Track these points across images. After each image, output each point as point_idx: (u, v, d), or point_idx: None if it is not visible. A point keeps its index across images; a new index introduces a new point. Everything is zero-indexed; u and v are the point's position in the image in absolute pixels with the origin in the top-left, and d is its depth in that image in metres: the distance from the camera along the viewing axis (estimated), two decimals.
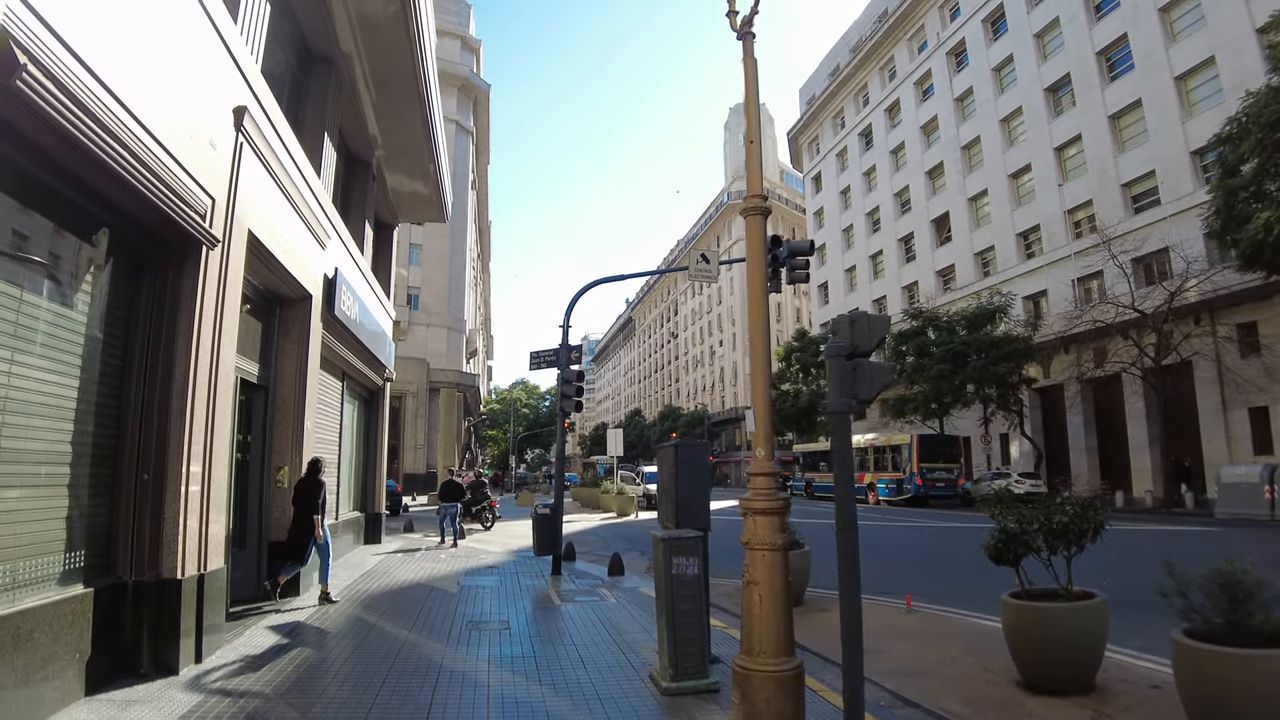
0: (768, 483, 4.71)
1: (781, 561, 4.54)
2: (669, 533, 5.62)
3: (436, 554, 13.81)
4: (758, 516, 4.61)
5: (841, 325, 4.55)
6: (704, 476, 6.40)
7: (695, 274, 12.76)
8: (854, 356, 4.44)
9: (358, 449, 14.92)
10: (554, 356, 11.80)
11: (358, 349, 12.81)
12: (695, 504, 6.22)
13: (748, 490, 4.87)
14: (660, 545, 5.44)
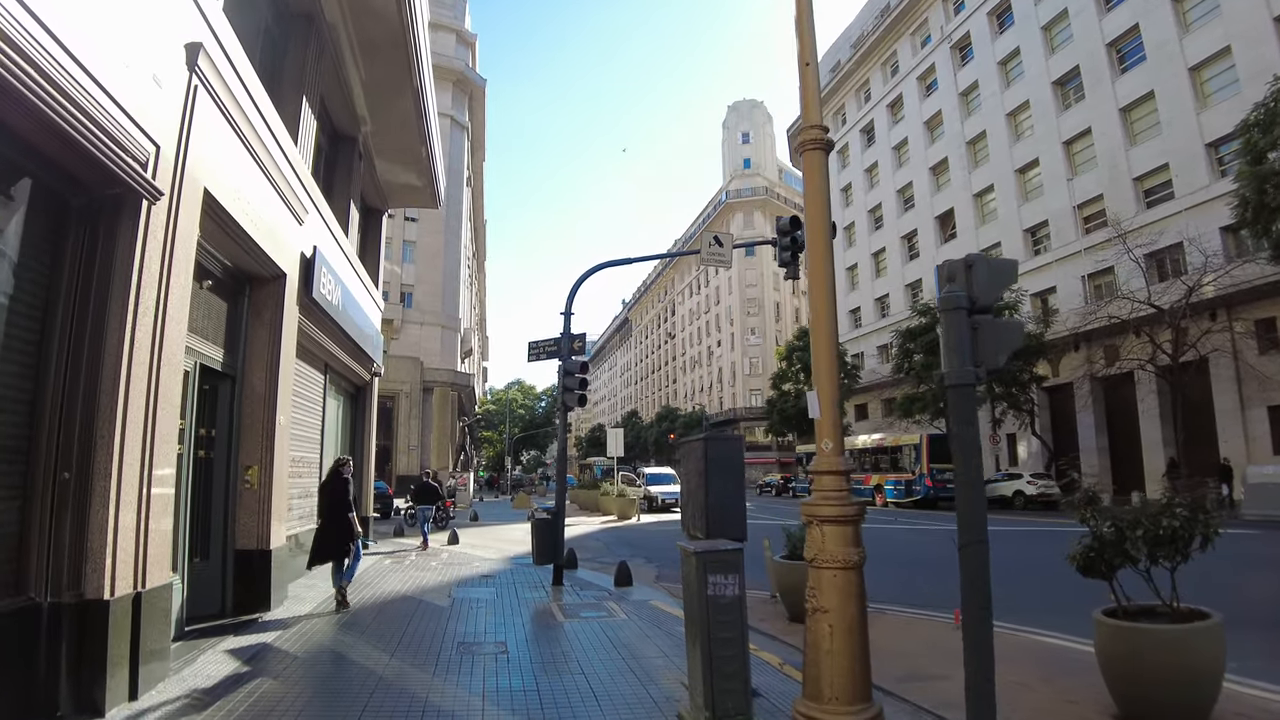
0: (837, 483, 3.73)
1: (857, 584, 3.57)
2: (702, 545, 4.63)
3: (426, 561, 12.80)
4: (826, 526, 3.62)
5: (957, 270, 3.57)
6: (737, 476, 5.43)
7: (707, 258, 11.82)
8: (975, 312, 3.45)
9: (343, 448, 13.90)
10: (554, 346, 10.81)
11: (341, 339, 11.80)
12: (729, 509, 5.25)
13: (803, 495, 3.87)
14: (692, 560, 4.45)
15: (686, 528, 5.71)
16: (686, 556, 4.63)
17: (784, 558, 8.61)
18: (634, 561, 13.08)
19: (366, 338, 13.74)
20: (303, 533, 10.58)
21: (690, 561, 4.50)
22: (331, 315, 10.54)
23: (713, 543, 4.65)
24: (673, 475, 30.41)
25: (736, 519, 5.27)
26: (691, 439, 5.65)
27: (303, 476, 10.63)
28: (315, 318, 10.09)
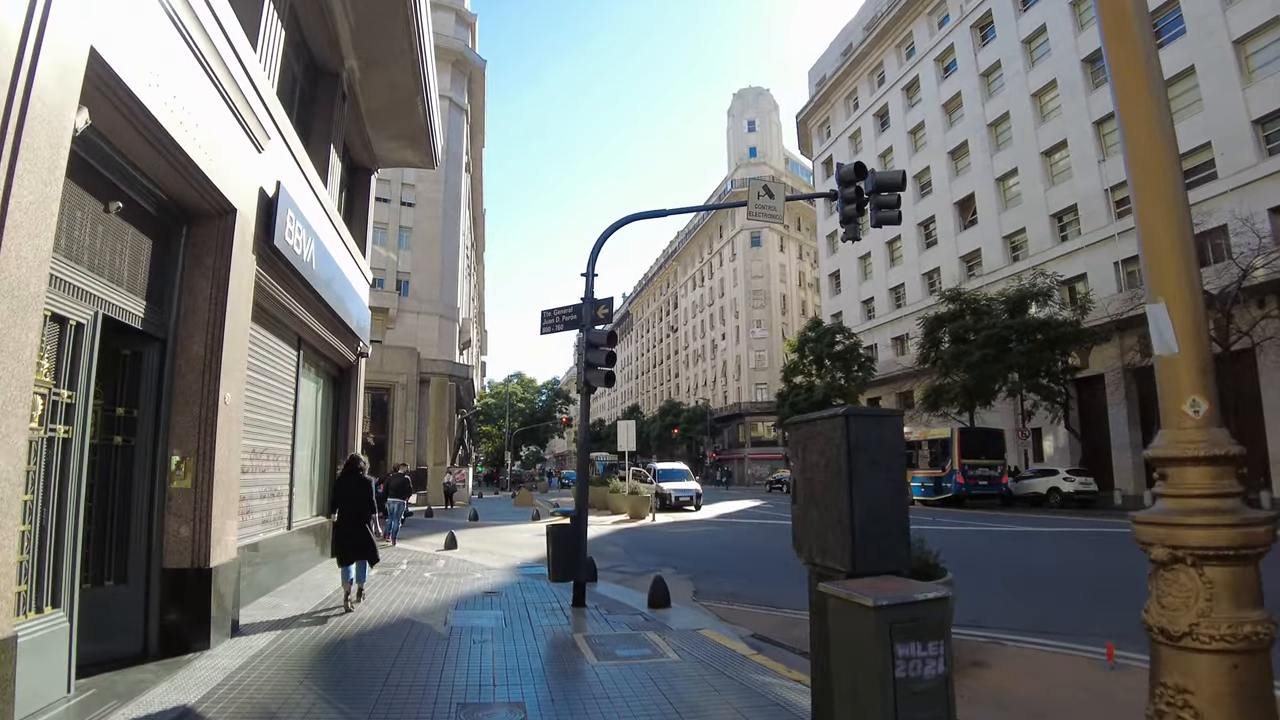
0: (1219, 480, 1.83)
1: (1266, 677, 1.65)
2: (884, 596, 2.72)
3: (420, 571, 10.90)
4: (1210, 566, 1.73)
5: None
6: (897, 472, 3.52)
7: (756, 211, 9.93)
8: None
9: (322, 438, 11.99)
10: (573, 314, 8.89)
11: (318, 308, 9.89)
12: (888, 524, 3.37)
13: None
14: (869, 620, 2.58)
15: (805, 551, 3.82)
16: (846, 609, 2.75)
17: None
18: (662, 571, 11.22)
19: (350, 312, 11.82)
20: (267, 540, 8.69)
21: (862, 621, 2.63)
22: (304, 275, 8.63)
23: (901, 589, 2.76)
24: (685, 471, 28.58)
25: (898, 540, 3.39)
26: (818, 417, 3.77)
27: (266, 471, 8.74)
28: (282, 276, 8.17)
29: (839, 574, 3.35)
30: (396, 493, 15.95)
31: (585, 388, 8.37)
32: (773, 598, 9.19)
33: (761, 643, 6.91)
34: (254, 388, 8.27)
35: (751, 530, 18.25)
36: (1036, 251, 37.37)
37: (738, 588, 9.91)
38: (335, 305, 10.58)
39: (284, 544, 9.41)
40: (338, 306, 10.74)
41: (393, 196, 48.68)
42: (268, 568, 8.67)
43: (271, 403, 9.00)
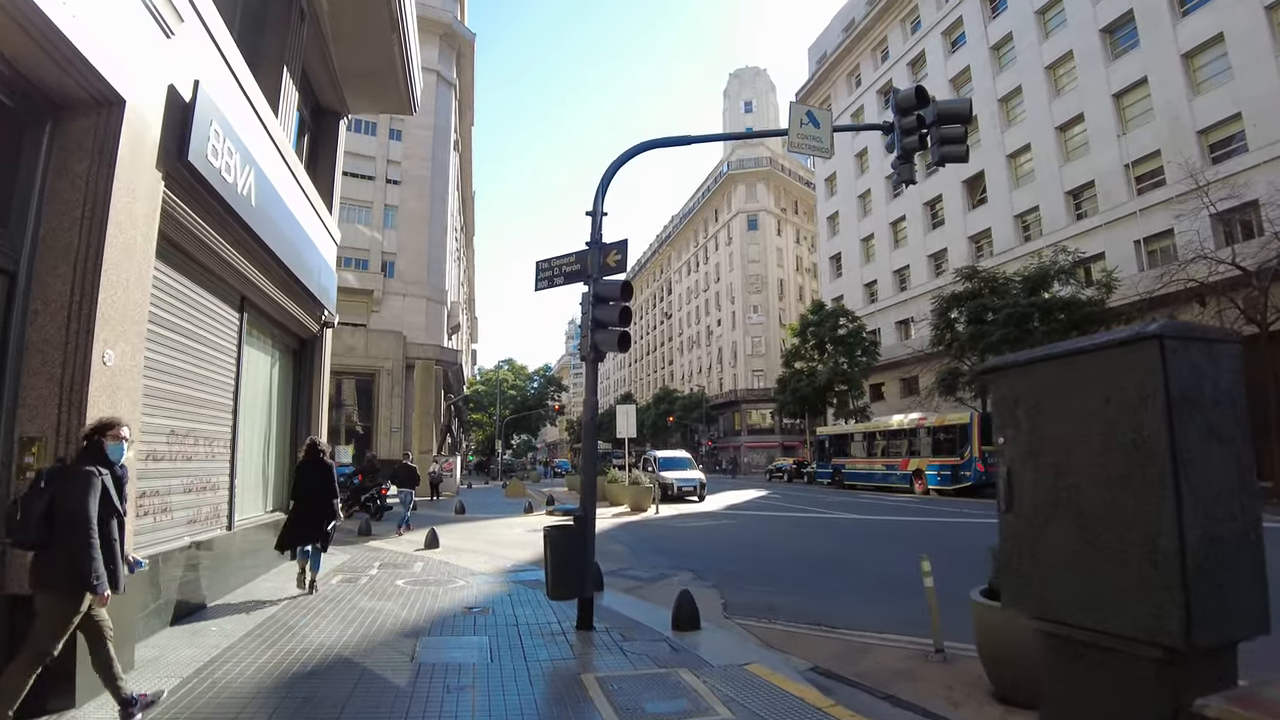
0: None
1: None
2: None
3: (392, 578, 9.18)
4: None
5: None
6: (1241, 452, 1.82)
7: (799, 143, 8.22)
8: None
9: (279, 421, 10.23)
10: (576, 264, 7.15)
11: (263, 260, 8.11)
12: (1236, 553, 1.65)
13: None
14: None
15: (1035, 598, 2.14)
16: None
17: (985, 594, 5.12)
18: (679, 576, 9.55)
19: (311, 272, 10.04)
20: (196, 544, 6.95)
21: None
22: (239, 213, 6.86)
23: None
24: (688, 459, 26.87)
25: (1251, 576, 1.70)
26: (1082, 348, 2.09)
27: (194, 459, 6.99)
28: (207, 209, 6.41)
29: (1142, 646, 1.67)
30: (404, 482, 15.89)
31: (593, 352, 6.62)
32: (817, 611, 7.55)
33: (830, 681, 5.26)
34: (173, 352, 6.53)
35: (767, 525, 16.62)
36: (1051, 230, 35.79)
37: (773, 598, 8.25)
38: (289, 260, 8.80)
39: (222, 548, 7.68)
40: (293, 262, 8.96)
41: (378, 174, 46.66)
42: (196, 579, 6.94)
43: (203, 374, 7.25)
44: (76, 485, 3.79)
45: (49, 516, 3.71)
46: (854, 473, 32.61)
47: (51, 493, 3.74)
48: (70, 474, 3.84)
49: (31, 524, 3.68)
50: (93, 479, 3.84)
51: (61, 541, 3.71)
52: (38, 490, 3.74)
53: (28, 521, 3.68)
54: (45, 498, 3.71)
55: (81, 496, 3.76)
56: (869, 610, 7.65)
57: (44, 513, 3.70)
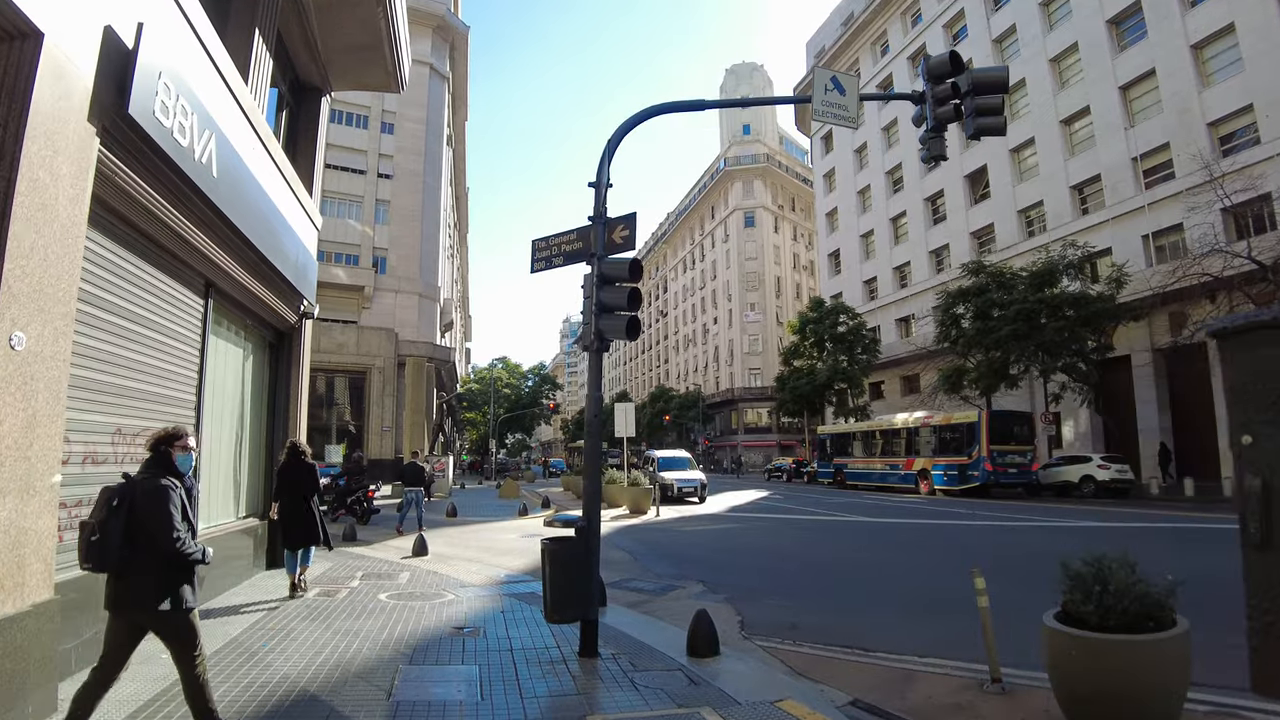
0: None
1: None
2: None
3: (374, 591, 8.38)
4: None
5: None
6: None
7: (824, 110, 7.46)
8: None
9: (253, 419, 9.42)
10: (577, 241, 6.36)
11: (229, 239, 7.32)
12: None
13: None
14: None
15: None
16: None
17: (1061, 619, 4.38)
18: (688, 587, 8.78)
19: (288, 256, 9.24)
20: None
21: None
22: (199, 184, 6.07)
23: None
24: (688, 459, 26.06)
25: None
26: None
27: None
28: (157, 175, 5.62)
29: None
30: (412, 481, 15.54)
31: (597, 340, 5.82)
32: (846, 629, 6.79)
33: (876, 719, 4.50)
34: (120, 340, 5.73)
35: (775, 529, 15.85)
36: (1055, 226, 35.17)
37: (794, 614, 7.49)
38: (262, 242, 8.00)
39: None
40: (266, 245, 8.16)
41: (369, 168, 45.75)
42: None
43: (158, 366, 6.44)
44: (157, 500, 3.56)
45: (129, 536, 3.48)
46: (857, 472, 31.90)
47: (127, 511, 3.50)
48: (146, 489, 3.58)
49: (113, 546, 3.43)
50: (171, 492, 3.64)
51: (145, 561, 3.52)
52: (111, 509, 3.46)
53: (108, 544, 3.42)
54: (121, 516, 3.48)
55: (165, 511, 3.56)
56: (904, 628, 6.89)
57: (123, 532, 3.46)
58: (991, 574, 9.51)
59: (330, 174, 44.84)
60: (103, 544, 3.41)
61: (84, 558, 3.48)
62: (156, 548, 3.51)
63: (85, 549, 3.46)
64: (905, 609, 7.75)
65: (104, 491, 3.56)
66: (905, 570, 10.24)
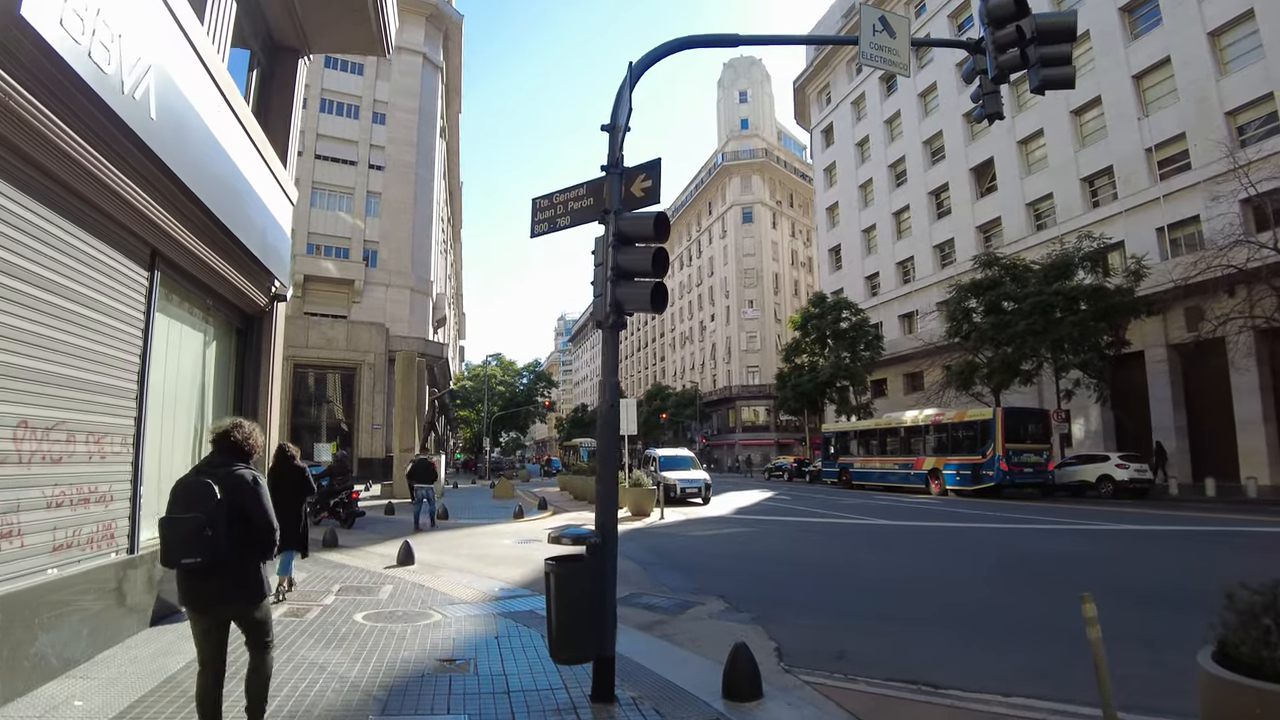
0: None
1: None
2: None
3: (351, 609, 7.32)
4: None
5: None
6: None
7: (872, 54, 6.50)
8: None
9: (214, 411, 8.33)
10: (587, 197, 5.32)
11: (179, 201, 6.26)
12: None
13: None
14: None
15: None
16: None
17: (1220, 658, 3.34)
18: (707, 604, 7.75)
19: (254, 227, 8.17)
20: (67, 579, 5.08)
21: None
22: (130, 125, 5.02)
23: None
24: (691, 458, 25.01)
25: None
26: None
27: (65, 462, 5.10)
28: (75, 111, 4.57)
29: None
30: (421, 479, 15.47)
31: (614, 313, 4.76)
32: (904, 658, 5.79)
33: None
34: (28, 313, 4.66)
35: (789, 533, 14.82)
36: (1065, 218, 34.28)
37: (836, 638, 6.47)
38: (221, 208, 6.93)
39: (117, 580, 5.80)
40: (226, 211, 7.10)
41: (360, 159, 44.54)
42: (69, 626, 5.06)
43: (84, 347, 5.36)
44: (257, 491, 3.67)
45: (230, 528, 3.50)
46: (863, 472, 30.89)
47: (227, 504, 3.52)
48: (242, 480, 3.63)
49: (223, 538, 3.44)
50: (262, 482, 3.73)
51: (242, 553, 3.58)
52: (218, 502, 3.48)
53: (218, 535, 3.42)
54: (224, 509, 3.48)
55: (266, 502, 3.69)
56: (971, 656, 5.88)
57: (227, 524, 3.48)
58: (1050, 586, 8.61)
59: (320, 165, 43.81)
60: (215, 537, 3.39)
61: (186, 553, 3.39)
62: (253, 538, 3.59)
63: (190, 544, 3.37)
64: (965, 631, 6.73)
65: (193, 486, 3.55)
66: (951, 583, 9.22)
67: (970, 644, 6.25)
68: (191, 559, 3.38)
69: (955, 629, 6.82)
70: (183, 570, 3.46)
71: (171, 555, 3.44)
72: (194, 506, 3.44)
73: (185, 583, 3.52)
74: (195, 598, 3.53)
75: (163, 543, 3.49)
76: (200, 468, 3.73)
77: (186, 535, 3.39)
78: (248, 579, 3.60)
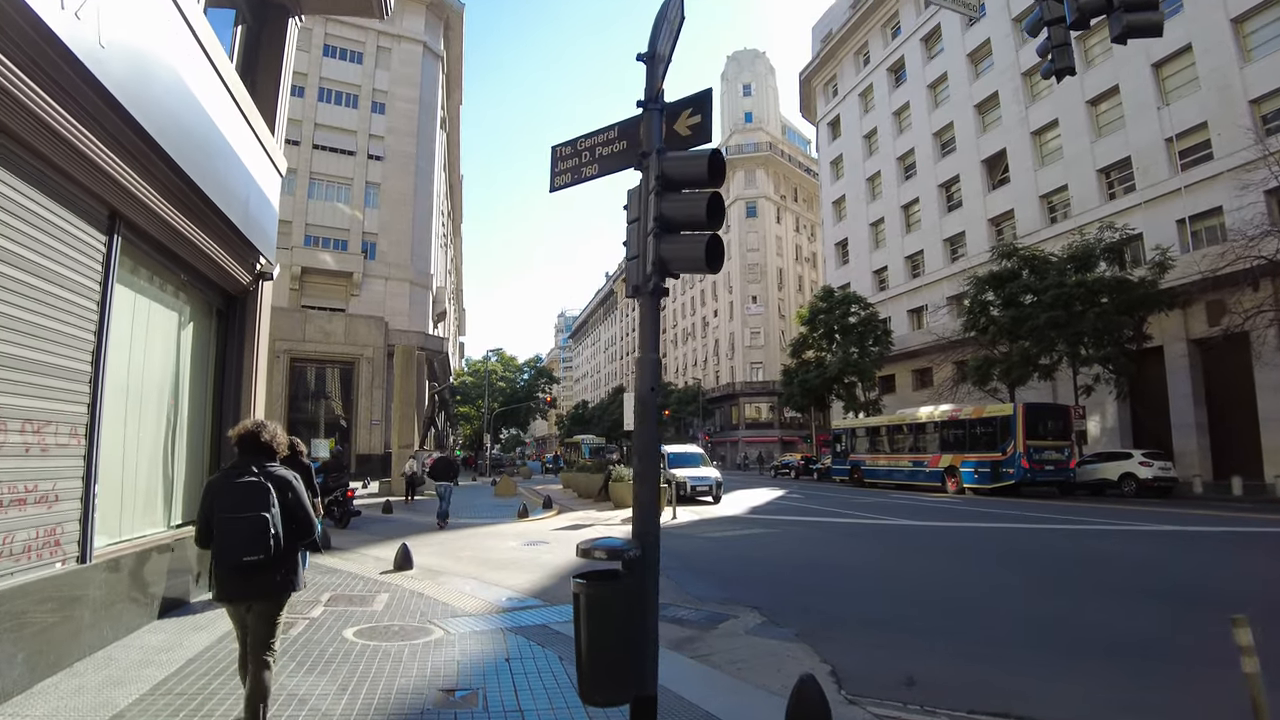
0: None
1: None
2: None
3: (338, 625, 6.49)
4: None
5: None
6: None
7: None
8: None
9: (190, 401, 7.49)
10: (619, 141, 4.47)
11: (141, 153, 5.42)
12: None
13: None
14: None
15: None
16: None
17: None
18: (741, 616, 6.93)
19: (234, 195, 7.34)
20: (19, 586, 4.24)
21: None
22: (77, 55, 4.18)
23: None
24: (700, 455, 24.17)
25: None
26: None
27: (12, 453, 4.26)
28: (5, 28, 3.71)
29: None
30: (442, 475, 15.96)
31: (655, 273, 3.89)
32: (980, 681, 4.98)
33: None
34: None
35: (812, 535, 13.96)
36: (1081, 211, 33.42)
37: (899, 657, 5.66)
38: (193, 166, 6.11)
39: (65, 592, 4.96)
40: (200, 172, 6.26)
41: (359, 149, 43.62)
42: None
43: (15, 317, 4.51)
44: (300, 490, 3.85)
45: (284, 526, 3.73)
46: (876, 469, 30.03)
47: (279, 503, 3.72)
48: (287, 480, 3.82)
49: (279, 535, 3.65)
50: (299, 480, 3.92)
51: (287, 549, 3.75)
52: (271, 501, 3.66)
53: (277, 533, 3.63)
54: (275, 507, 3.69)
55: (308, 501, 3.90)
56: (1059, 679, 5.05)
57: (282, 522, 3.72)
58: (1127, 596, 7.78)
59: (318, 155, 42.91)
60: (278, 533, 3.61)
61: (249, 551, 3.54)
62: (295, 534, 3.78)
63: (254, 541, 3.54)
64: (1044, 649, 5.89)
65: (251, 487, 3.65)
66: (1006, 590, 8.37)
67: (1054, 665, 5.42)
68: (253, 556, 3.53)
69: (1032, 646, 5.98)
70: (241, 567, 3.56)
71: (235, 553, 3.54)
72: (255, 506, 3.58)
73: (235, 578, 3.61)
74: (242, 591, 3.67)
75: (221, 541, 3.57)
76: (239, 468, 3.76)
77: (251, 534, 3.54)
78: (290, 572, 3.78)
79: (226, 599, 3.71)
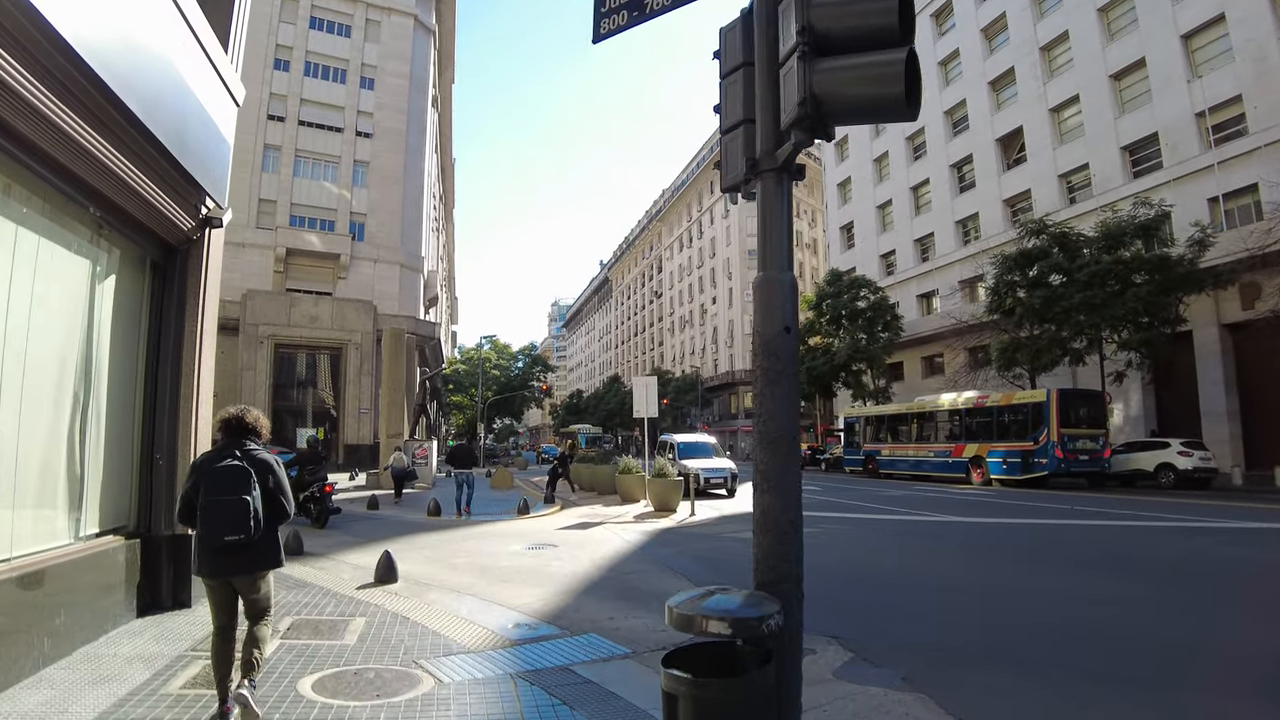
0: None
1: None
2: None
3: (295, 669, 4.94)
4: None
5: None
6: None
7: None
8: None
9: (112, 379, 5.88)
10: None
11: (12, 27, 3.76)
12: None
13: None
14: None
15: None
16: None
17: None
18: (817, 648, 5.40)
19: (169, 113, 5.70)
20: None
21: None
22: None
23: None
24: (712, 445, 22.58)
25: None
26: None
27: None
28: None
29: None
30: (461, 464, 15.75)
31: (810, 116, 2.31)
32: None
33: None
34: None
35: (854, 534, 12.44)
36: (1103, 190, 31.94)
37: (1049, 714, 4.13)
38: (104, 65, 4.49)
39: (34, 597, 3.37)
40: (109, 67, 4.62)
41: (346, 125, 41.67)
42: None
43: None
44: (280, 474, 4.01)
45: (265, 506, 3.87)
46: (893, 460, 28.54)
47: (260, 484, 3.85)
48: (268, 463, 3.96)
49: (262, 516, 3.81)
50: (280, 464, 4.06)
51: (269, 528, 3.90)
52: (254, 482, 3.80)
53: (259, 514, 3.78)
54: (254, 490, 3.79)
55: (284, 485, 4.02)
56: None
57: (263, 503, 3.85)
58: None
59: (304, 131, 40.94)
60: (258, 515, 3.76)
61: (232, 531, 3.68)
62: (277, 513, 3.95)
63: (238, 522, 3.68)
64: (1238, 686, 4.38)
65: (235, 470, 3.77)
66: (1133, 605, 6.84)
67: None
68: (235, 536, 3.67)
69: (1217, 693, 4.46)
70: (224, 547, 3.68)
71: (218, 534, 3.67)
72: (238, 490, 3.72)
73: (218, 556, 3.74)
74: (224, 567, 3.79)
75: (206, 523, 3.67)
76: (223, 450, 3.89)
77: (235, 515, 3.68)
78: (270, 549, 3.93)
79: (209, 575, 3.82)
